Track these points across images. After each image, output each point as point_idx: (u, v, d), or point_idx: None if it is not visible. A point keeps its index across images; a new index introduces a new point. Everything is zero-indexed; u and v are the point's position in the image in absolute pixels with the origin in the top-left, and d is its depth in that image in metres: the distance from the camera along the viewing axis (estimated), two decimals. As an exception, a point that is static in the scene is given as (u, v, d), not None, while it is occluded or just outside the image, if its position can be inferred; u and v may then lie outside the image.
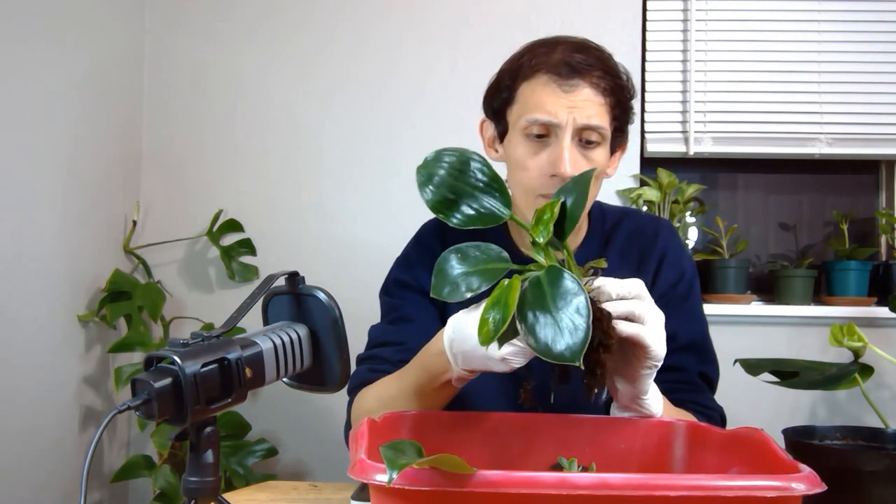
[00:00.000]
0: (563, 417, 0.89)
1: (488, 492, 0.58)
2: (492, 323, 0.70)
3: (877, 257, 2.33)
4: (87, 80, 2.02)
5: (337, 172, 2.28)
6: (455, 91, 2.24)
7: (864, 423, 1.72)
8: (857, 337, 1.61)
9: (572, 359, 0.68)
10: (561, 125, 1.04)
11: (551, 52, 1.07)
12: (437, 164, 0.84)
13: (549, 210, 0.81)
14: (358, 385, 1.13)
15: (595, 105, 1.05)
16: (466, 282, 0.77)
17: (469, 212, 0.82)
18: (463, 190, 0.83)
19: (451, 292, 0.77)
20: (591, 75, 1.05)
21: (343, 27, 2.30)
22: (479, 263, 0.78)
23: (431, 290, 0.77)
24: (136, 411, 0.61)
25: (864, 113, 2.25)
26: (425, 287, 1.16)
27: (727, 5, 2.28)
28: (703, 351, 1.16)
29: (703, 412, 1.08)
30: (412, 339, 1.10)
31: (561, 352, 0.68)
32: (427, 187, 0.83)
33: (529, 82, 1.08)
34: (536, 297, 0.72)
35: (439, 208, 0.82)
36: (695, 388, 1.11)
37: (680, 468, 0.85)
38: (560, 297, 0.71)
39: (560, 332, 0.69)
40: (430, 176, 0.84)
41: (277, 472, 2.21)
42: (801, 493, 0.59)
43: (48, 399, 1.88)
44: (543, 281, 0.73)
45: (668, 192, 2.15)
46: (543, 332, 0.70)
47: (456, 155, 0.85)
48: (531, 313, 0.71)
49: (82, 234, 2.01)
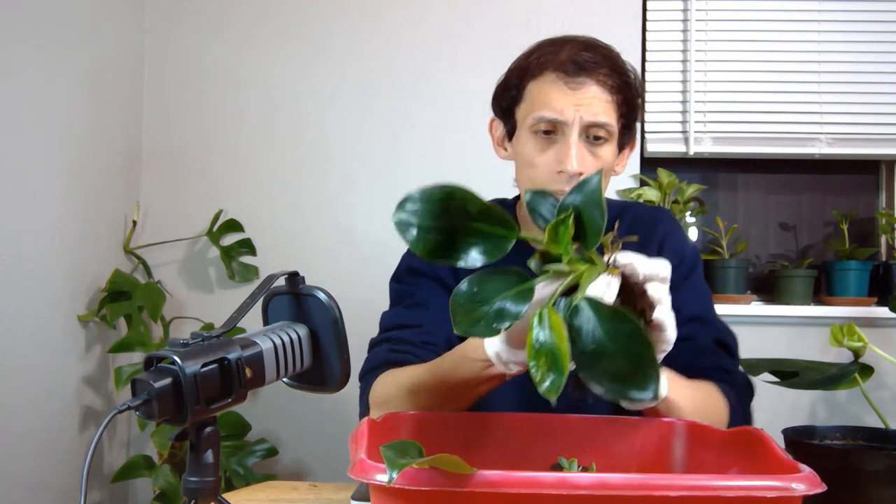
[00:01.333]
0: (563, 417, 0.89)
1: (488, 492, 0.58)
2: (549, 382, 0.63)
3: (877, 257, 2.33)
4: (88, 79, 2.02)
5: (337, 172, 2.28)
6: (455, 91, 2.24)
7: (864, 423, 1.72)
8: (857, 337, 1.61)
9: (649, 398, 0.64)
10: (568, 122, 1.05)
11: (559, 50, 1.08)
12: (411, 214, 0.72)
13: (560, 226, 0.73)
14: (377, 367, 1.09)
15: (602, 102, 1.06)
16: (497, 314, 0.69)
17: (477, 246, 0.71)
18: (456, 226, 0.71)
19: (483, 329, 0.69)
20: (598, 73, 1.06)
21: (343, 27, 2.30)
22: (503, 290, 0.70)
23: (455, 328, 0.68)
24: (136, 411, 0.61)
25: (864, 113, 2.25)
26: (440, 275, 1.16)
27: (727, 5, 2.29)
28: (712, 321, 1.14)
29: (723, 377, 1.06)
30: (431, 324, 1.09)
31: (635, 397, 0.64)
32: (409, 235, 0.71)
33: (537, 80, 1.08)
34: (587, 331, 0.66)
35: (438, 254, 0.71)
36: (712, 353, 1.09)
37: (680, 468, 0.85)
38: (610, 329, 0.65)
39: (627, 370, 0.64)
40: (408, 225, 0.72)
41: (277, 472, 2.21)
42: (801, 494, 0.59)
43: (48, 399, 1.88)
44: (587, 311, 0.67)
45: (668, 192, 2.15)
46: (607, 374, 0.64)
47: (433, 194, 0.73)
48: (585, 355, 0.65)
49: (82, 234, 2.01)
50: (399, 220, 0.72)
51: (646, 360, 0.64)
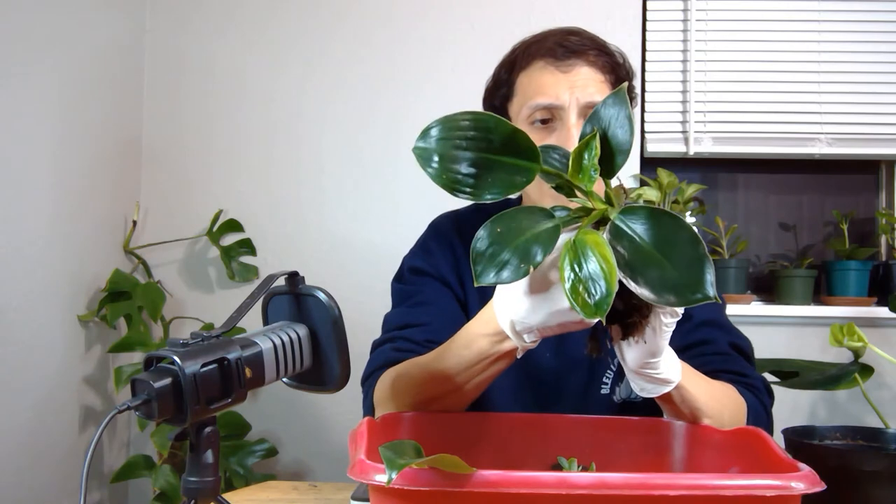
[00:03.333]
0: (563, 417, 0.89)
1: (487, 491, 0.58)
2: (592, 295, 0.61)
3: (877, 257, 2.33)
4: (88, 79, 2.02)
5: (337, 172, 2.28)
6: (455, 91, 2.24)
7: (864, 423, 1.72)
8: (857, 337, 1.61)
9: (708, 296, 0.61)
10: (564, 106, 1.03)
11: (544, 39, 1.08)
12: (436, 139, 0.69)
13: (586, 149, 0.69)
14: (381, 366, 1.05)
15: (596, 82, 1.05)
16: (524, 255, 0.65)
17: (499, 179, 0.68)
18: (479, 157, 0.68)
19: (509, 272, 0.64)
20: (587, 54, 1.05)
21: (343, 28, 2.30)
22: (528, 230, 0.66)
23: (476, 279, 0.64)
24: (136, 411, 0.61)
25: (865, 113, 2.25)
26: (443, 274, 1.15)
27: (727, 5, 2.28)
28: (727, 326, 1.12)
29: (742, 381, 1.02)
30: (436, 322, 1.07)
31: (696, 296, 0.61)
32: (431, 167, 0.68)
33: (526, 71, 1.08)
34: (630, 245, 0.63)
35: (459, 187, 0.67)
36: (729, 358, 1.06)
37: (679, 468, 0.85)
38: (653, 235, 0.63)
39: (679, 274, 0.61)
40: (430, 155, 0.69)
41: (277, 472, 2.21)
42: (801, 492, 0.59)
43: (48, 399, 1.88)
44: (625, 225, 0.64)
45: (668, 192, 2.15)
46: (661, 282, 0.62)
47: (459, 119, 0.70)
48: (634, 267, 0.62)
49: (83, 234, 2.01)
50: (420, 150, 0.69)
51: (696, 257, 0.62)
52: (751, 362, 1.10)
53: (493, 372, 0.86)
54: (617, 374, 1.13)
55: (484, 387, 0.89)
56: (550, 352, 1.13)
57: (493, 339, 0.81)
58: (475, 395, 0.90)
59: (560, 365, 1.13)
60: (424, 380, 0.92)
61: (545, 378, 1.13)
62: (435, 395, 0.90)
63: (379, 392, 1.02)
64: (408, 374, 0.96)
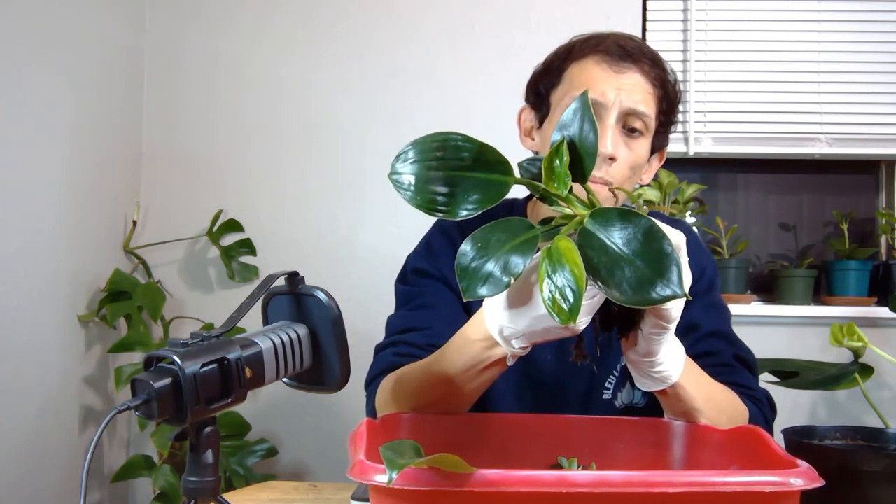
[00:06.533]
0: (563, 418, 0.89)
1: (487, 491, 0.58)
2: (567, 300, 0.62)
3: (877, 257, 2.33)
4: (87, 80, 2.02)
5: (337, 172, 2.28)
6: (455, 91, 2.24)
7: (864, 423, 1.72)
8: (857, 337, 1.61)
9: (677, 294, 0.61)
10: (607, 105, 1.03)
11: (605, 38, 1.07)
12: (410, 162, 0.71)
13: (556, 156, 0.71)
14: (382, 371, 1.05)
15: (643, 92, 1.04)
16: (504, 266, 0.67)
17: (473, 196, 0.70)
18: (452, 175, 0.70)
19: (491, 286, 0.67)
20: (642, 62, 1.05)
21: (344, 28, 2.30)
22: (508, 241, 0.68)
23: (464, 295, 0.67)
24: (136, 411, 0.61)
25: (865, 113, 2.25)
26: (446, 275, 1.14)
27: (727, 5, 2.29)
28: (732, 338, 1.12)
29: (745, 393, 1.02)
30: (438, 325, 1.06)
31: (660, 295, 0.61)
32: (407, 190, 0.71)
33: (579, 63, 1.07)
34: (599, 248, 0.64)
35: (437, 207, 0.70)
36: (733, 370, 1.06)
37: (679, 467, 0.85)
38: (622, 236, 0.64)
39: (647, 272, 0.62)
40: (404, 180, 0.71)
41: (277, 472, 2.21)
42: (799, 488, 0.59)
43: (48, 399, 1.88)
44: (594, 228, 0.65)
45: (668, 192, 2.15)
46: (627, 282, 0.62)
47: (430, 141, 0.71)
48: (603, 269, 0.63)
49: (82, 234, 2.01)
50: (395, 176, 0.71)
51: (663, 254, 0.62)
52: (755, 375, 1.11)
53: (488, 377, 0.86)
54: (619, 380, 1.13)
55: (482, 390, 0.89)
56: (553, 356, 1.13)
57: (484, 344, 0.82)
58: (473, 398, 0.90)
59: (562, 369, 1.13)
60: (423, 384, 0.92)
61: (547, 382, 1.13)
62: (434, 399, 0.91)
63: (380, 397, 1.03)
64: (407, 379, 0.97)
